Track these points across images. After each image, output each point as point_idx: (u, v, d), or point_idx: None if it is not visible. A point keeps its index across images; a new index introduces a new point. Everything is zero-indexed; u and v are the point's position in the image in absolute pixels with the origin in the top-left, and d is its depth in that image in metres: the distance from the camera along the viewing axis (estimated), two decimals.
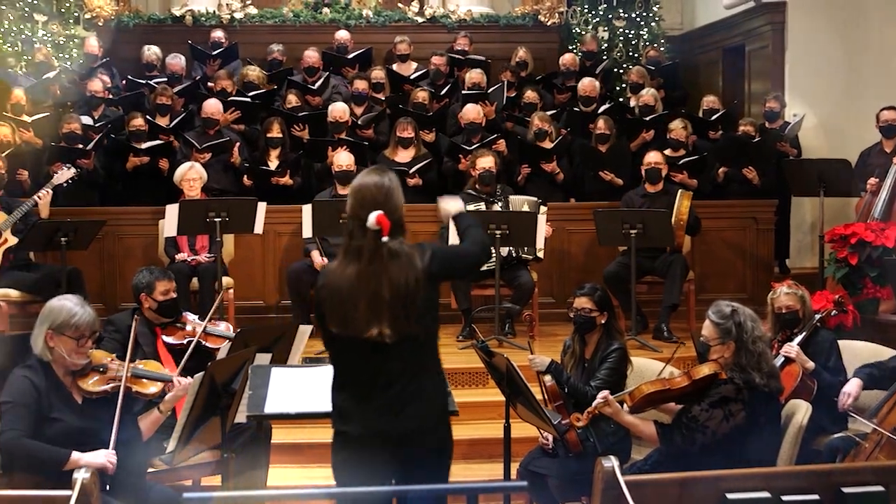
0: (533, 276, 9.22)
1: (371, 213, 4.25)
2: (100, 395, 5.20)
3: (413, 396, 4.34)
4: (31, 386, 5.02)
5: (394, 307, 4.24)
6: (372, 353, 4.29)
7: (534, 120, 10.55)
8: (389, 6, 14.45)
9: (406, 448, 4.33)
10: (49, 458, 4.93)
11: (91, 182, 10.16)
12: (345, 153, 9.65)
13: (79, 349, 5.13)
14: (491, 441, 7.15)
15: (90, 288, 9.03)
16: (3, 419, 4.94)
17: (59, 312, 5.14)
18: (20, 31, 13.06)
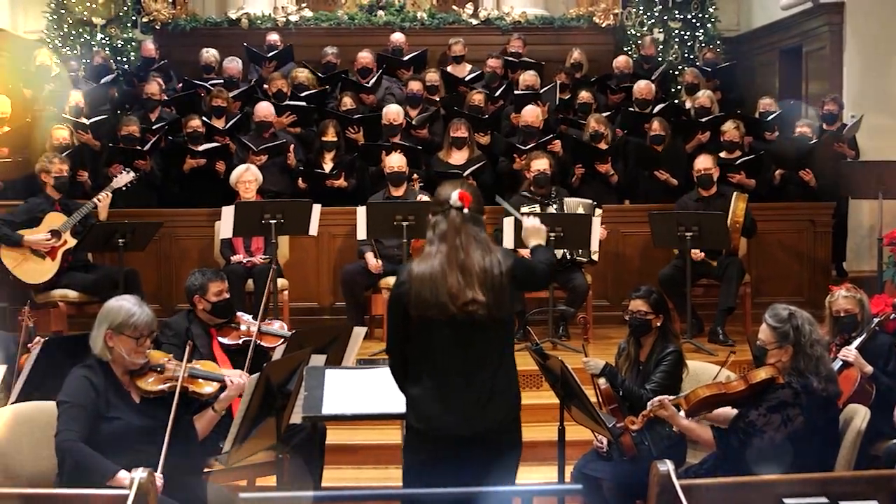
0: (587, 279, 9.19)
1: (453, 192, 4.47)
2: (157, 395, 5.24)
3: (496, 390, 4.46)
4: (90, 385, 5.06)
5: (483, 280, 4.39)
6: (459, 333, 4.39)
7: (590, 122, 10.50)
8: (444, 8, 14.46)
9: (485, 446, 4.41)
10: (95, 469, 4.93)
11: (149, 184, 10.25)
12: (397, 155, 9.66)
13: (138, 348, 5.17)
14: (545, 444, 7.11)
15: (147, 289, 9.10)
16: (60, 419, 4.99)
17: (117, 312, 5.18)
18: (79, 34, 13.22)
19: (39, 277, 8.70)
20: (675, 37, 13.46)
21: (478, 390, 4.42)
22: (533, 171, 9.32)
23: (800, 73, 13.29)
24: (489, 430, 4.42)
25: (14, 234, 8.61)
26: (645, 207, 9.85)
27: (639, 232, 9.93)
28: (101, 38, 13.36)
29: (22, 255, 8.64)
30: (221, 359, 6.33)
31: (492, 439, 4.43)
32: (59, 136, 10.12)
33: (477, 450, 4.40)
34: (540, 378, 7.92)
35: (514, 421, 4.59)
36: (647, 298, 6.33)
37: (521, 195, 9.38)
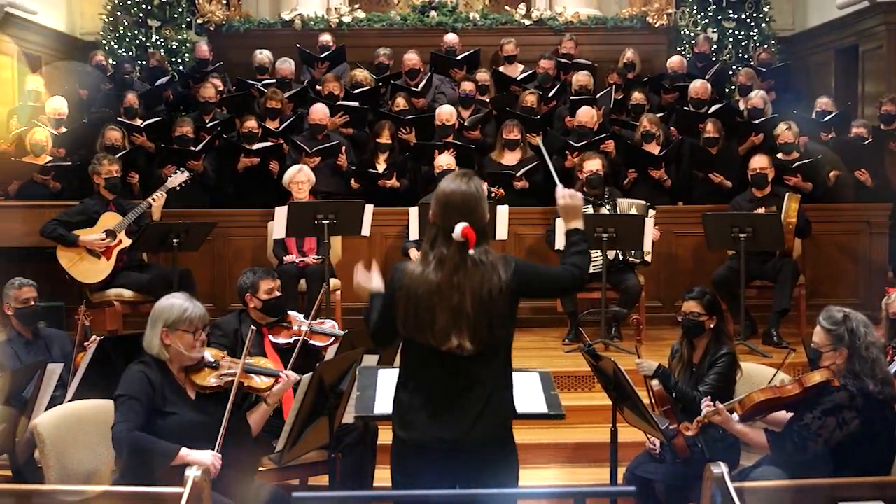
0: (640, 280, 9.15)
1: (457, 225, 4.21)
2: (212, 391, 5.27)
3: (487, 410, 4.26)
4: (146, 380, 5.10)
5: (475, 319, 4.19)
6: (446, 362, 4.25)
7: (642, 121, 10.43)
8: (496, 9, 14.46)
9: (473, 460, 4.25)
10: (158, 452, 4.99)
11: (202, 184, 10.32)
12: (446, 155, 9.67)
13: (195, 342, 5.21)
14: (597, 445, 7.12)
15: (200, 288, 9.16)
16: (117, 412, 5.03)
17: (171, 310, 5.22)
18: (134, 36, 13.35)
19: (94, 277, 8.78)
20: (729, 37, 13.39)
21: (467, 409, 4.25)
22: (585, 171, 9.29)
23: (856, 72, 13.16)
24: (476, 443, 4.24)
25: (70, 234, 8.70)
26: (698, 208, 9.78)
27: (692, 233, 9.86)
28: (155, 39, 13.48)
29: (78, 254, 8.73)
30: (273, 357, 6.36)
31: (480, 452, 4.26)
32: (111, 137, 10.22)
33: (464, 463, 4.25)
34: (592, 379, 7.90)
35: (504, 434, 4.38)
36: (700, 300, 6.29)
37: None
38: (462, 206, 4.27)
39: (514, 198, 9.85)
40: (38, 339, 6.97)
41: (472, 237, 4.19)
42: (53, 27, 13.83)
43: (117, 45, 13.38)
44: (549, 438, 7.49)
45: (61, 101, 11.33)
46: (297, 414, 5.27)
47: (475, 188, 4.33)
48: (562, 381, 8.01)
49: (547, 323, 9.59)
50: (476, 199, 4.31)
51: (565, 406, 4.93)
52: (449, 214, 4.27)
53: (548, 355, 8.76)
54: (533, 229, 9.82)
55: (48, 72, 13.17)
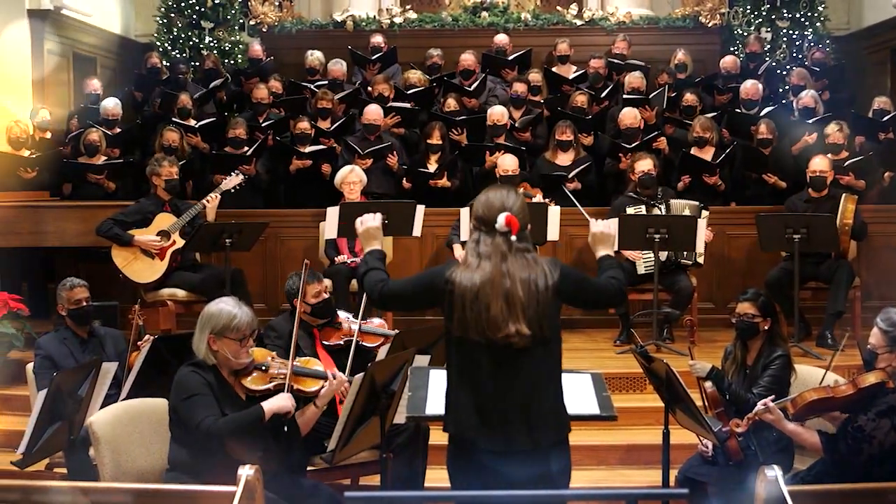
0: (692, 281, 9.09)
1: (500, 215, 4.26)
2: (262, 393, 5.29)
3: (540, 411, 4.27)
4: (203, 379, 5.14)
5: (528, 306, 4.21)
6: (497, 360, 4.25)
7: (695, 127, 10.30)
8: (548, 9, 14.42)
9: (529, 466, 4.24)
10: (249, 421, 5.07)
11: (254, 187, 10.37)
12: (510, 157, 9.66)
13: (241, 349, 5.23)
14: (649, 447, 7.09)
15: (252, 288, 9.21)
16: (192, 412, 5.05)
17: (218, 317, 5.22)
18: (188, 38, 13.45)
19: (148, 277, 8.85)
20: (782, 36, 13.26)
21: (520, 410, 4.25)
22: (638, 172, 9.24)
23: None
24: (532, 450, 4.25)
25: (125, 233, 8.77)
26: (751, 209, 9.71)
27: (745, 234, 9.81)
28: (209, 41, 13.57)
29: (132, 254, 8.80)
30: (325, 359, 6.38)
31: (536, 459, 4.26)
32: (169, 138, 10.32)
33: (520, 468, 4.23)
34: (644, 381, 7.88)
35: (562, 442, 4.38)
36: (754, 301, 6.24)
37: (626, 196, 9.32)
38: (503, 202, 4.34)
39: (566, 198, 9.81)
40: (93, 337, 7.04)
41: (514, 224, 4.26)
42: (108, 29, 13.96)
43: (171, 47, 13.48)
44: (601, 440, 7.47)
45: (115, 102, 11.44)
46: (348, 414, 5.28)
47: (514, 192, 4.42)
48: (613, 382, 7.97)
49: (598, 324, 9.57)
50: (514, 199, 4.37)
51: (616, 407, 4.89)
52: (490, 211, 4.32)
53: (599, 356, 8.74)
54: (585, 230, 9.72)
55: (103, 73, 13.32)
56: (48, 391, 5.71)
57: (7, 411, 8.40)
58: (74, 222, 9.40)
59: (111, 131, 11.11)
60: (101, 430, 5.31)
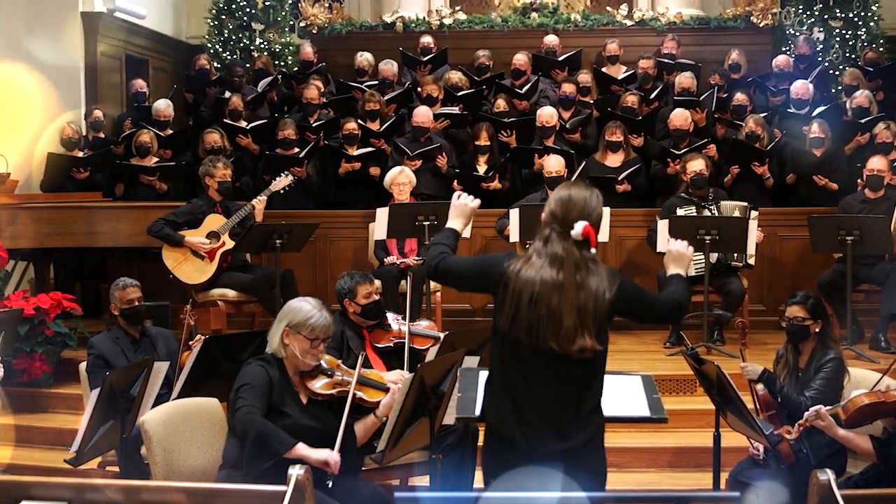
0: (743, 283, 9.03)
1: (578, 223, 4.18)
2: (325, 399, 5.33)
3: (580, 415, 4.22)
4: (266, 374, 5.19)
5: (595, 318, 4.16)
6: (542, 363, 4.20)
7: (748, 122, 10.26)
8: (598, 10, 14.37)
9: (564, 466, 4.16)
10: (275, 440, 5.07)
11: (305, 189, 10.40)
12: (555, 158, 9.64)
13: (311, 350, 5.28)
14: (699, 450, 7.06)
15: (302, 289, 9.22)
16: (240, 399, 5.10)
17: (297, 312, 5.30)
18: (238, 39, 13.53)
19: (198, 278, 8.90)
20: (835, 36, 13.13)
21: (558, 412, 4.20)
22: (690, 172, 9.18)
23: None
24: (567, 450, 4.18)
25: (176, 234, 8.83)
26: (803, 211, 9.63)
27: (796, 236, 9.73)
28: (259, 42, 13.64)
29: (183, 255, 8.86)
30: (375, 361, 6.40)
31: (570, 460, 4.18)
32: (211, 140, 10.38)
33: (554, 469, 4.15)
34: (694, 383, 7.84)
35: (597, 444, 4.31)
36: (804, 304, 6.19)
37: (678, 197, 9.26)
38: (583, 207, 4.26)
39: (616, 200, 9.79)
40: (145, 337, 7.09)
41: (592, 237, 4.19)
42: (160, 31, 14.07)
43: (222, 49, 13.56)
44: (650, 442, 7.43)
45: (167, 104, 11.53)
46: (398, 414, 5.29)
47: (595, 196, 4.33)
48: (663, 384, 7.92)
49: (648, 326, 9.50)
50: (595, 205, 4.31)
51: (666, 410, 4.87)
52: (569, 214, 4.24)
53: (649, 358, 8.70)
54: (635, 231, 9.76)
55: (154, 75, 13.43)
56: (101, 390, 5.76)
57: (60, 410, 8.50)
58: (127, 223, 9.48)
59: (163, 132, 11.20)
60: (153, 428, 5.35)
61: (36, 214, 9.48)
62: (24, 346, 8.46)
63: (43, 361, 8.59)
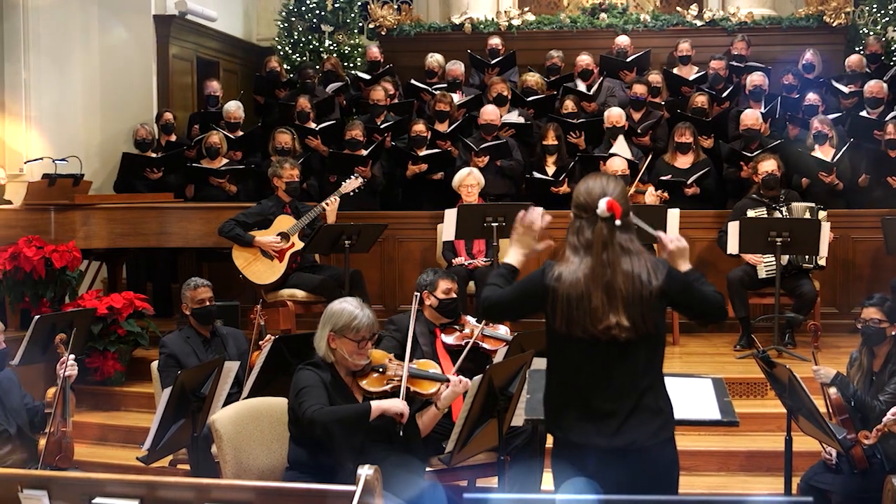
0: (815, 285, 8.92)
1: (601, 200, 4.15)
2: (379, 395, 5.33)
3: (641, 407, 4.17)
4: (319, 378, 5.21)
5: (629, 299, 4.11)
6: (598, 357, 4.16)
7: (813, 123, 10.15)
8: (667, 10, 14.27)
9: (632, 462, 4.14)
10: (354, 415, 5.12)
11: (370, 190, 10.43)
12: (618, 158, 9.60)
13: (359, 350, 5.28)
14: (770, 454, 7.00)
15: (370, 289, 9.27)
16: (304, 401, 5.13)
17: (340, 315, 5.29)
18: (308, 41, 13.61)
19: (267, 278, 8.95)
20: None
21: (621, 408, 4.15)
22: (761, 173, 9.09)
23: None
24: (632, 444, 4.13)
25: (246, 234, 8.89)
26: (877, 212, 9.51)
27: (870, 238, 9.62)
28: (328, 44, 13.72)
29: (253, 255, 8.92)
30: (444, 358, 6.41)
31: (638, 455, 4.14)
32: (282, 141, 10.43)
33: (623, 465, 4.12)
34: (765, 386, 7.77)
35: (665, 440, 4.23)
36: (880, 306, 6.11)
37: (748, 198, 9.17)
38: (604, 187, 4.23)
39: (685, 201, 9.72)
40: (215, 337, 7.14)
41: (617, 209, 4.13)
42: (231, 33, 14.20)
43: (291, 51, 13.65)
44: (720, 445, 7.37)
45: (237, 105, 11.63)
46: (466, 415, 5.29)
47: (615, 182, 4.28)
48: (733, 387, 7.84)
49: (717, 328, 9.43)
50: (616, 183, 4.26)
51: (737, 413, 4.83)
52: (591, 197, 4.21)
53: (719, 361, 8.62)
54: (704, 233, 9.67)
55: (225, 77, 13.55)
56: (172, 389, 5.81)
57: (132, 408, 8.60)
58: (198, 223, 9.58)
59: (233, 134, 11.29)
60: (224, 427, 5.40)
61: (109, 215, 9.59)
62: (97, 345, 8.58)
63: (115, 360, 8.71)
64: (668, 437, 4.26)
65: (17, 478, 3.60)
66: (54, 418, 6.13)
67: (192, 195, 10.84)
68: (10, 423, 6.11)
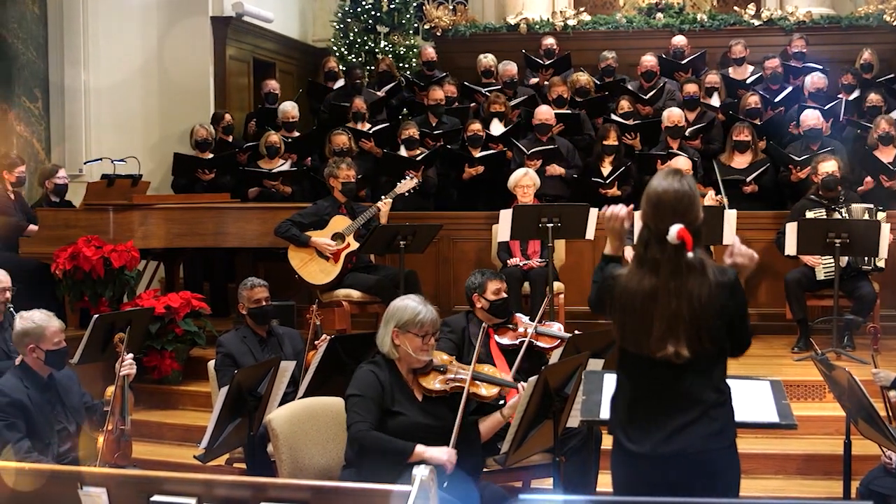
0: (875, 287, 8.82)
1: (672, 227, 3.99)
2: (439, 395, 5.34)
3: (696, 421, 4.10)
4: (377, 380, 5.23)
5: (692, 323, 4.01)
6: (659, 372, 4.10)
7: (879, 123, 9.99)
8: (724, 9, 14.17)
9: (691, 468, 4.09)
10: (395, 449, 5.12)
11: (425, 193, 10.46)
12: (682, 158, 9.55)
13: (423, 346, 5.29)
14: (829, 457, 6.93)
15: (425, 290, 9.25)
16: (352, 412, 5.17)
17: (403, 311, 5.31)
18: (364, 42, 13.65)
19: (322, 279, 8.98)
20: None
21: (680, 421, 4.08)
22: (821, 174, 8.99)
23: None
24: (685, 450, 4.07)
25: (302, 234, 8.93)
26: None
27: None
28: (384, 45, 13.75)
29: (308, 255, 8.95)
30: (498, 358, 6.41)
31: (693, 464, 4.08)
32: (339, 142, 10.46)
33: (678, 471, 4.08)
34: (823, 389, 7.70)
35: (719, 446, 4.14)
36: None
37: (808, 199, 9.07)
38: (676, 206, 4.06)
39: (744, 202, 9.65)
40: (272, 336, 7.18)
41: (688, 239, 3.99)
42: (287, 34, 14.27)
43: (347, 51, 13.70)
44: (777, 448, 7.31)
45: (293, 105, 11.69)
46: (521, 416, 5.28)
47: (688, 186, 4.11)
48: (791, 389, 7.77)
49: (775, 330, 9.35)
50: (690, 198, 4.09)
51: (795, 416, 4.78)
52: (661, 215, 4.06)
53: (776, 363, 8.54)
54: (762, 234, 9.58)
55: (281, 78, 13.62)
56: (229, 388, 5.84)
57: (189, 407, 8.67)
58: (254, 223, 9.64)
59: (290, 134, 11.35)
60: (280, 427, 5.43)
61: (167, 215, 9.68)
62: (154, 344, 8.65)
63: (173, 359, 8.78)
64: (725, 446, 4.20)
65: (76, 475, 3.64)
66: (112, 416, 6.19)
67: (254, 197, 10.87)
68: (70, 421, 6.17)
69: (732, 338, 4.18)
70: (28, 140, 11.30)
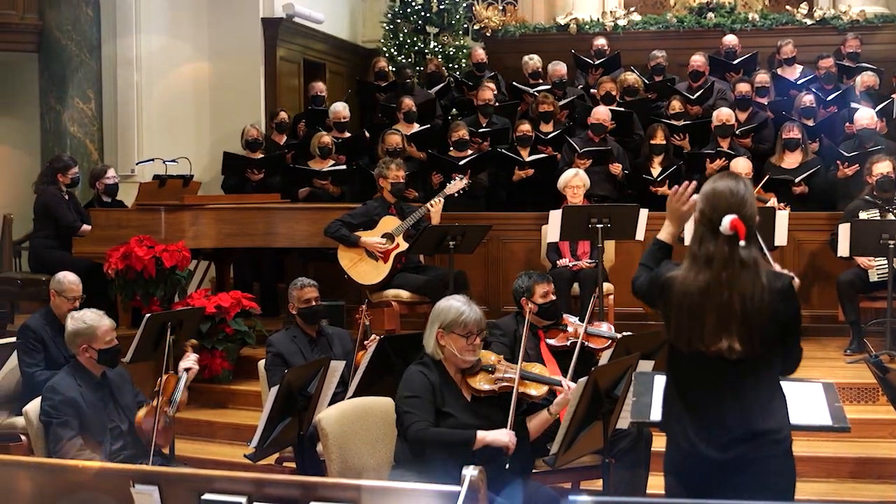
0: None
1: (725, 218, 4.04)
2: (487, 394, 5.34)
3: (755, 417, 4.09)
4: (427, 380, 5.23)
5: (744, 320, 4.01)
6: (712, 371, 4.09)
7: None
8: (776, 9, 14.06)
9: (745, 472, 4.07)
10: (458, 440, 5.14)
11: (474, 195, 10.45)
12: (742, 160, 9.51)
13: (468, 346, 5.28)
14: (882, 461, 6.87)
15: (475, 290, 9.26)
16: (407, 413, 5.17)
17: (447, 312, 5.31)
18: (413, 43, 13.67)
19: (372, 279, 8.99)
20: None
21: (733, 421, 4.08)
22: (875, 174, 8.89)
23: None
24: (741, 458, 4.06)
25: (352, 235, 8.95)
26: None
27: None
28: (434, 46, 13.76)
29: (358, 255, 8.98)
30: (549, 360, 6.40)
31: (745, 466, 4.07)
32: (392, 142, 10.48)
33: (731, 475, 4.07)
34: (876, 391, 7.61)
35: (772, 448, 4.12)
36: None
37: (862, 199, 8.97)
38: (730, 200, 4.11)
39: (794, 202, 9.57)
40: (321, 336, 7.21)
41: (741, 229, 4.01)
42: (337, 35, 14.33)
43: (397, 52, 13.72)
44: (830, 451, 7.24)
45: (343, 105, 11.73)
46: (571, 417, 5.27)
47: (743, 186, 4.17)
48: (844, 392, 7.68)
49: (827, 332, 9.27)
50: (744, 196, 4.13)
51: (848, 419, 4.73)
52: (716, 210, 4.10)
53: (829, 365, 8.46)
54: (814, 235, 9.51)
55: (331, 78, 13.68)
56: (279, 388, 5.86)
57: (240, 406, 8.72)
58: (304, 224, 9.66)
59: (340, 135, 11.39)
60: (329, 426, 5.45)
61: (217, 215, 9.73)
62: (205, 344, 8.70)
63: (223, 358, 8.83)
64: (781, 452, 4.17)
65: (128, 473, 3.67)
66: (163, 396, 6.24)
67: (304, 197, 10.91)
68: (122, 419, 6.22)
69: (784, 347, 4.17)
70: (81, 141, 11.43)
